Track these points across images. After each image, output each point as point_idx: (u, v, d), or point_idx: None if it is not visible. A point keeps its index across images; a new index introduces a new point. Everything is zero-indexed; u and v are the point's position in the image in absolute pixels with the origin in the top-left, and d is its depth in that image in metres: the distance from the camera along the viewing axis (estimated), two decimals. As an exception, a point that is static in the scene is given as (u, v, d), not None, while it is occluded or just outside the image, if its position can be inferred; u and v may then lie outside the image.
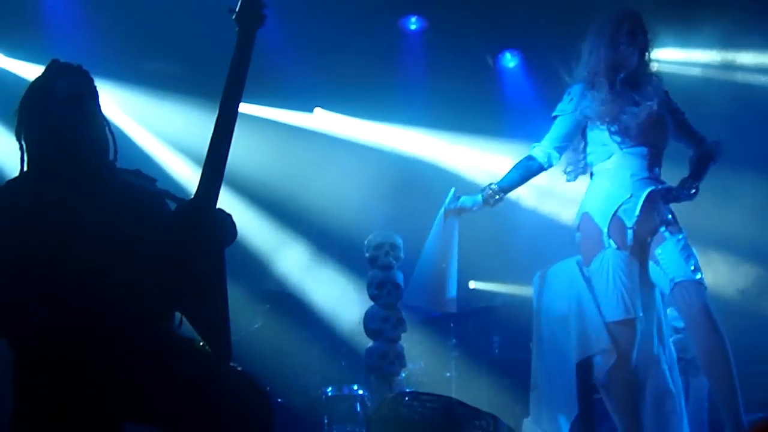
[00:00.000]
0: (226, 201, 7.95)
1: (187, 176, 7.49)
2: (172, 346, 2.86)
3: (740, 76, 6.98)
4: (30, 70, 6.65)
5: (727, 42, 6.75)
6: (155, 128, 7.45)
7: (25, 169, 2.96)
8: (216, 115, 2.94)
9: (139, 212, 2.95)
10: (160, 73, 7.28)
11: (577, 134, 4.08)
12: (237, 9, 2.99)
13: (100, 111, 3.02)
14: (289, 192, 7.34)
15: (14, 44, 6.68)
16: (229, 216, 3.02)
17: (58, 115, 2.91)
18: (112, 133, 3.03)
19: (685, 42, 6.73)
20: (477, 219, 7.48)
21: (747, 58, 6.96)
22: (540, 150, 4.06)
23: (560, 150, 4.06)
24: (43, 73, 3.01)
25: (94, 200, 2.90)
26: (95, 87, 3.01)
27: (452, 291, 4.19)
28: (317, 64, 7.32)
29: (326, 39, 7.21)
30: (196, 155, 7.52)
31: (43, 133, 2.93)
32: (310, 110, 8.00)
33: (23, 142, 2.96)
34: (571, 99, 4.01)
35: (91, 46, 6.38)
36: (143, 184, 3.10)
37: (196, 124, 7.45)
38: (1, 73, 6.69)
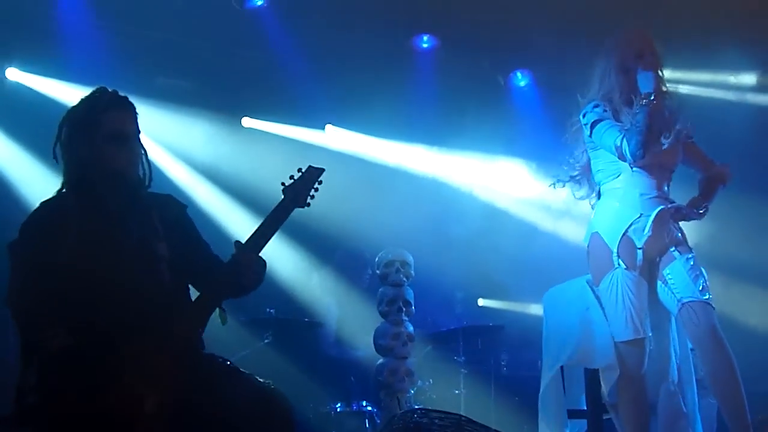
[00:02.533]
0: (235, 215, 7.89)
1: (194, 188, 7.50)
2: (197, 362, 2.90)
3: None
4: (45, 85, 6.70)
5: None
6: (165, 142, 7.48)
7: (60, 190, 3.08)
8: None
9: (170, 236, 3.07)
10: (171, 89, 7.33)
11: None
12: (288, 184, 3.12)
13: (141, 144, 3.13)
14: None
15: (29, 59, 6.72)
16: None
17: (102, 151, 3.03)
18: (148, 161, 3.17)
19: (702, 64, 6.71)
20: (486, 237, 7.53)
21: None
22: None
23: None
24: (90, 101, 3.11)
25: (128, 226, 3.01)
26: (137, 119, 3.13)
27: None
28: (329, 81, 7.37)
29: (338, 56, 7.26)
30: (205, 169, 7.55)
31: (85, 163, 3.03)
32: (322, 127, 8.03)
33: (63, 164, 3.06)
34: (605, 110, 3.87)
35: (104, 61, 6.43)
36: (173, 208, 3.17)
37: (206, 139, 7.50)
38: (17, 88, 6.73)
